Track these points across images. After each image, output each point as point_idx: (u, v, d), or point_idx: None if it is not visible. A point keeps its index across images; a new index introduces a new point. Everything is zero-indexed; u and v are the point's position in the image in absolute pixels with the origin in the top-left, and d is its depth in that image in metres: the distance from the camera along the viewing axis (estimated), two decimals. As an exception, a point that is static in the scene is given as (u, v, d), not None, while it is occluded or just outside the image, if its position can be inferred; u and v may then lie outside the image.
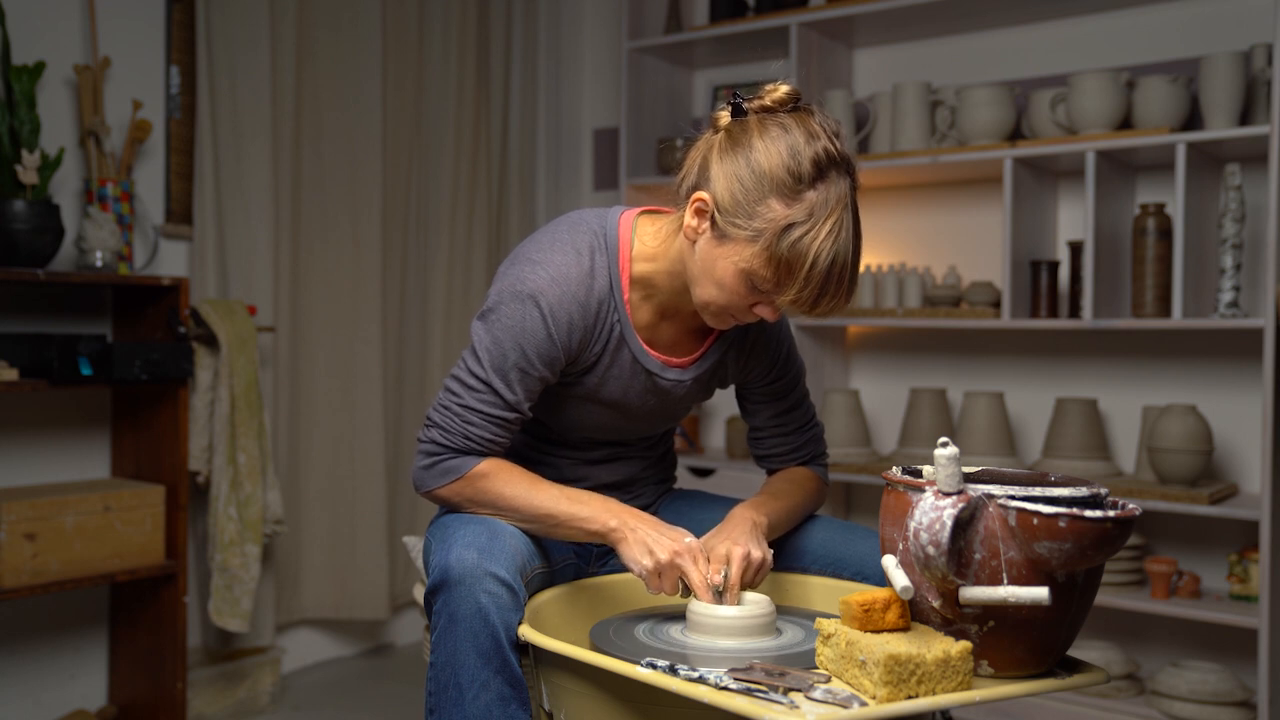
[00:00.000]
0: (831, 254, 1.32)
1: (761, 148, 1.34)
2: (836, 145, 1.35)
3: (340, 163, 3.11)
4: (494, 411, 1.46)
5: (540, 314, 1.43)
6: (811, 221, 1.32)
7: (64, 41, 2.56)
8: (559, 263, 1.46)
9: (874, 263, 3.28)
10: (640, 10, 3.48)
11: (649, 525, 1.43)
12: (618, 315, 1.50)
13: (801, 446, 1.69)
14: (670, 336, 1.57)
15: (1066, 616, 1.20)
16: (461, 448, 1.47)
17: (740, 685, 1.16)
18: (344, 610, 3.13)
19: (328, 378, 3.09)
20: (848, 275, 1.35)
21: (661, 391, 1.56)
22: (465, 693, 1.32)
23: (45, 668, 2.58)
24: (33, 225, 2.30)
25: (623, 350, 1.51)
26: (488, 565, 1.34)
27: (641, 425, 1.62)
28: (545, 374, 1.47)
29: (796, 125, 1.35)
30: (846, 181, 1.36)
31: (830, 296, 1.35)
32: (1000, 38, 3.12)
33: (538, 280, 1.44)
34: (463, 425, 1.46)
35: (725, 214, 1.36)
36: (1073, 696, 2.62)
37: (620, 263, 1.50)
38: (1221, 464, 2.79)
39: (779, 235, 1.32)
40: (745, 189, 1.34)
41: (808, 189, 1.32)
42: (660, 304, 1.53)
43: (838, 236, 1.32)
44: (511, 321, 1.44)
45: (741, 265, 1.35)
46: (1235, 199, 2.53)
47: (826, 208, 1.32)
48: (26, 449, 2.54)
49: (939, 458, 1.16)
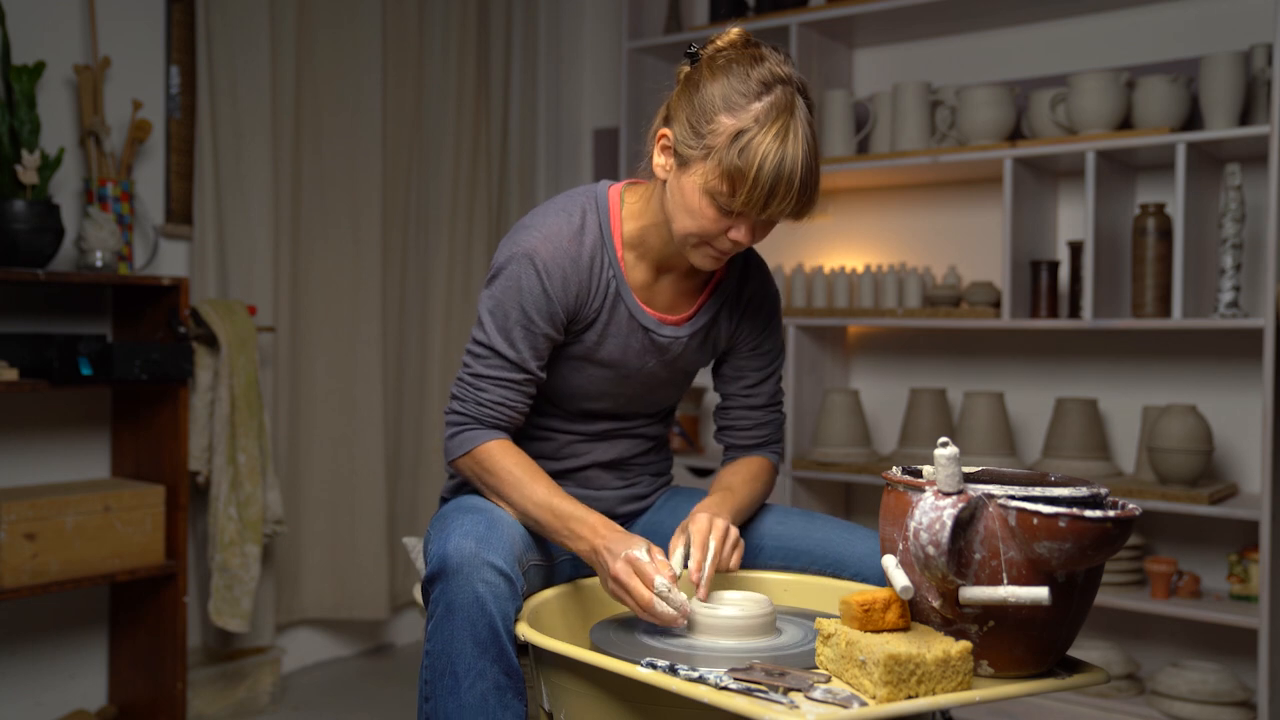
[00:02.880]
0: (779, 154, 1.36)
1: (710, 78, 1.42)
2: (783, 68, 1.42)
3: (340, 163, 3.11)
4: (503, 374, 1.52)
5: (535, 271, 1.50)
6: (757, 126, 1.37)
7: (64, 41, 2.56)
8: (550, 224, 1.53)
9: (874, 263, 3.28)
10: (640, 10, 3.48)
11: (609, 540, 1.40)
12: (613, 271, 1.55)
13: (764, 424, 1.72)
14: (667, 297, 1.61)
15: (1066, 616, 1.20)
16: (477, 415, 1.53)
17: (740, 685, 1.16)
18: (344, 610, 3.13)
19: (328, 378, 3.09)
20: (798, 178, 1.37)
21: (660, 349, 1.60)
22: (461, 681, 1.33)
23: (45, 668, 2.58)
24: (33, 225, 2.30)
25: (619, 307, 1.56)
26: (486, 555, 1.34)
27: (641, 389, 1.64)
28: (548, 330, 1.52)
29: (744, 56, 1.43)
30: (797, 98, 1.41)
31: (780, 199, 1.38)
32: (1000, 38, 3.12)
33: (530, 241, 1.51)
34: (475, 393, 1.53)
35: (682, 141, 1.43)
36: (1073, 696, 2.62)
37: (612, 223, 1.56)
38: (1221, 464, 2.79)
39: (729, 145, 1.38)
40: (698, 114, 1.41)
41: (753, 101, 1.39)
42: (654, 261, 1.58)
43: (784, 139, 1.37)
44: (510, 283, 1.51)
45: (700, 184, 1.42)
46: (1235, 199, 2.53)
47: (772, 113, 1.38)
48: (26, 449, 2.54)
49: (939, 458, 1.16)
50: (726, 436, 1.74)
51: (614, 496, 1.70)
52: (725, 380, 1.73)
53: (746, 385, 1.71)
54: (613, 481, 1.69)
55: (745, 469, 1.68)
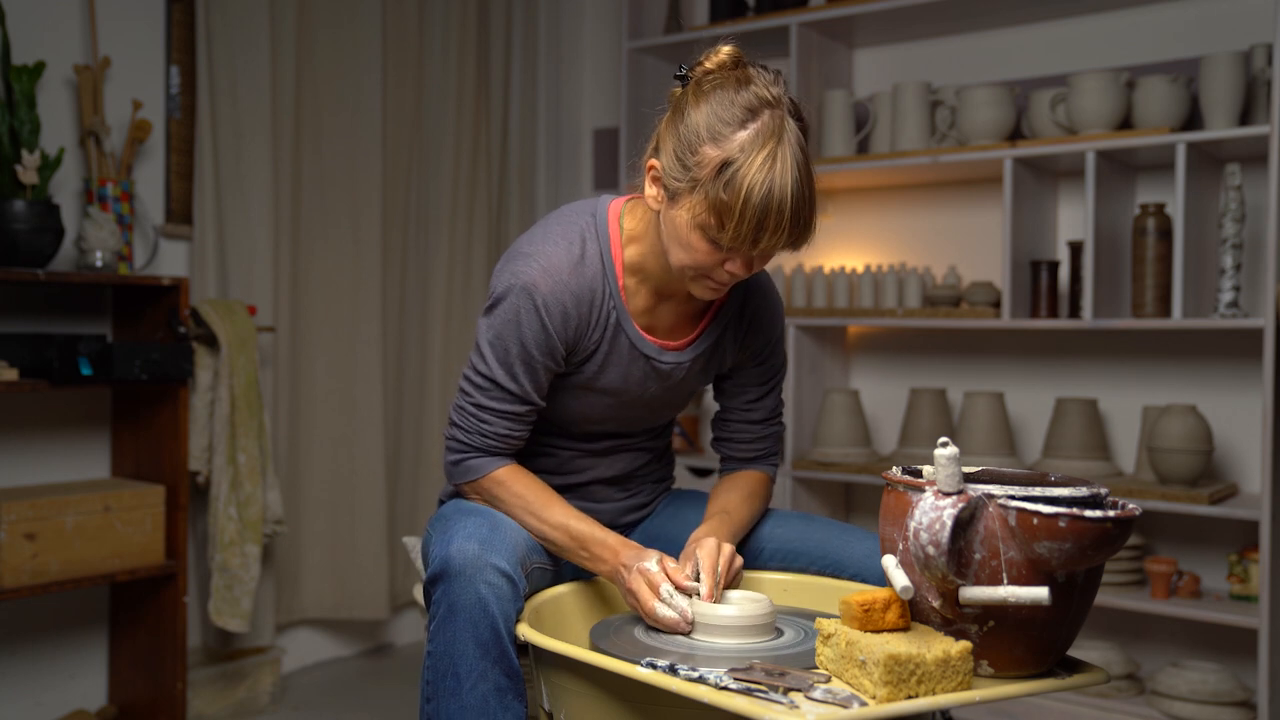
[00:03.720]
0: (766, 184, 1.30)
1: (694, 106, 1.37)
2: (770, 90, 1.36)
3: (340, 163, 3.11)
4: (505, 407, 1.51)
5: (534, 307, 1.46)
6: (743, 157, 1.31)
7: (64, 41, 2.56)
8: (550, 254, 1.49)
9: (874, 263, 3.28)
10: (640, 10, 3.48)
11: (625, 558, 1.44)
12: (613, 303, 1.52)
13: (763, 438, 1.71)
14: (668, 321, 1.58)
15: (1066, 616, 1.20)
16: (480, 445, 1.52)
17: (740, 685, 1.16)
18: (344, 610, 3.13)
19: (328, 378, 3.09)
20: (788, 208, 1.31)
21: (662, 375, 1.58)
22: (463, 683, 1.33)
23: (45, 668, 2.58)
24: (33, 225, 2.30)
25: (620, 337, 1.53)
26: (489, 557, 1.34)
27: (643, 412, 1.62)
28: (548, 363, 1.50)
29: (731, 80, 1.37)
30: (786, 121, 1.34)
31: (771, 232, 1.32)
32: (1000, 38, 3.12)
33: (530, 273, 1.47)
34: (478, 424, 1.51)
35: (668, 174, 1.39)
36: (1073, 696, 2.62)
37: (612, 250, 1.52)
38: (1221, 464, 2.79)
39: (714, 178, 1.33)
40: (683, 145, 1.36)
41: (738, 130, 1.33)
42: (654, 286, 1.54)
43: (772, 167, 1.31)
44: (509, 316, 1.48)
45: (689, 219, 1.37)
46: (1235, 199, 2.53)
47: (758, 141, 1.32)
48: (26, 449, 2.54)
49: (939, 458, 1.16)
50: (724, 448, 1.72)
51: (616, 508, 1.70)
52: (727, 394, 1.71)
53: (748, 400, 1.69)
54: (615, 494, 1.69)
55: (743, 486, 1.66)
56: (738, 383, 1.69)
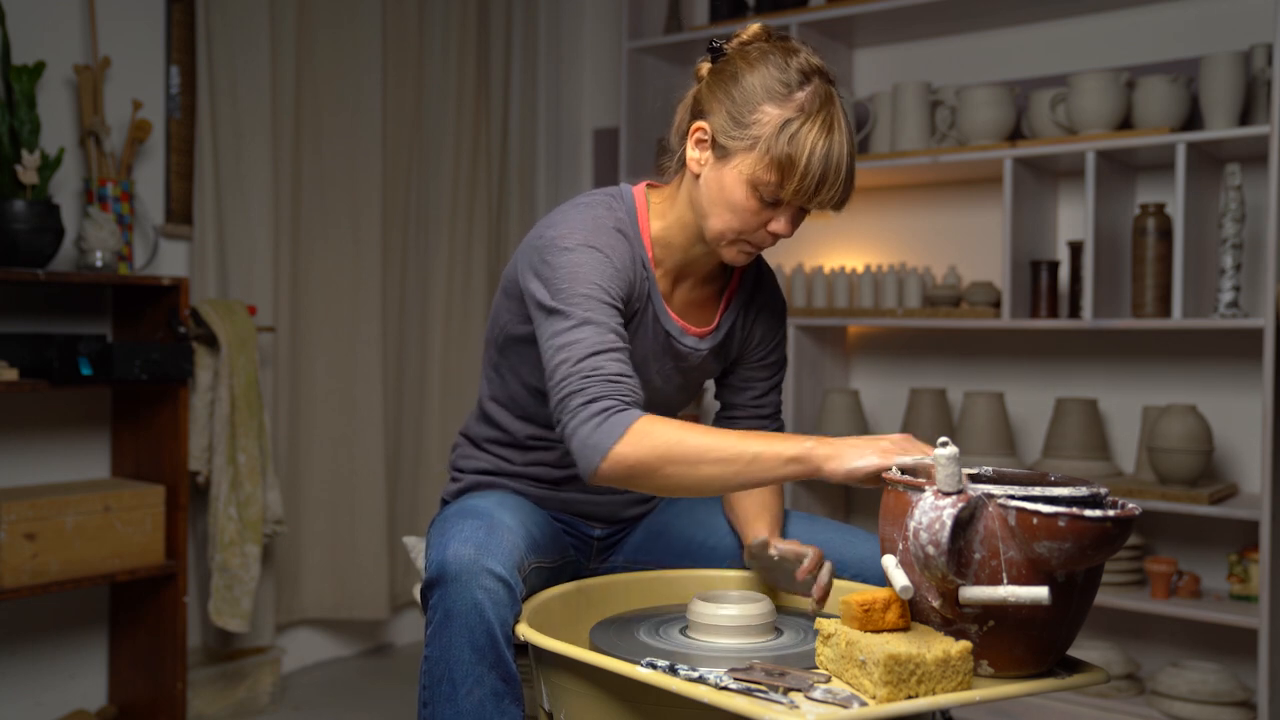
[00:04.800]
0: (827, 144, 1.38)
1: (748, 69, 1.43)
2: (815, 59, 1.43)
3: (340, 163, 3.11)
4: (608, 344, 1.37)
5: (600, 252, 1.44)
6: (804, 116, 1.38)
7: (64, 41, 2.56)
8: (588, 219, 1.48)
9: (874, 263, 3.28)
10: (640, 10, 3.48)
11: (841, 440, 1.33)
12: (646, 272, 1.53)
13: None
14: (683, 304, 1.59)
15: (1066, 616, 1.20)
16: (604, 393, 1.34)
17: (740, 685, 1.16)
18: (344, 610, 3.13)
19: (328, 378, 3.09)
20: (844, 166, 1.40)
21: (678, 356, 1.58)
22: (459, 688, 1.33)
23: (45, 668, 2.58)
24: (33, 225, 2.30)
25: (648, 309, 1.54)
26: (485, 561, 1.34)
27: (656, 397, 1.61)
28: (620, 305, 1.43)
29: (775, 47, 1.44)
30: (834, 89, 1.43)
31: (829, 187, 1.39)
32: (1000, 38, 3.12)
33: (576, 235, 1.44)
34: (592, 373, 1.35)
35: (723, 132, 1.42)
36: (1073, 696, 2.62)
37: (640, 224, 1.54)
38: (1221, 464, 2.79)
39: (776, 134, 1.38)
40: (739, 105, 1.41)
41: (796, 90, 1.40)
42: (673, 267, 1.56)
43: (830, 130, 1.39)
44: (574, 267, 1.41)
45: (746, 175, 1.41)
46: (1235, 199, 2.53)
47: (816, 102, 1.40)
48: (26, 449, 2.54)
49: (939, 458, 1.16)
50: None
51: (621, 500, 1.70)
52: (732, 390, 1.70)
53: (754, 396, 1.69)
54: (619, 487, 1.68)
55: None
56: (744, 378, 1.69)
